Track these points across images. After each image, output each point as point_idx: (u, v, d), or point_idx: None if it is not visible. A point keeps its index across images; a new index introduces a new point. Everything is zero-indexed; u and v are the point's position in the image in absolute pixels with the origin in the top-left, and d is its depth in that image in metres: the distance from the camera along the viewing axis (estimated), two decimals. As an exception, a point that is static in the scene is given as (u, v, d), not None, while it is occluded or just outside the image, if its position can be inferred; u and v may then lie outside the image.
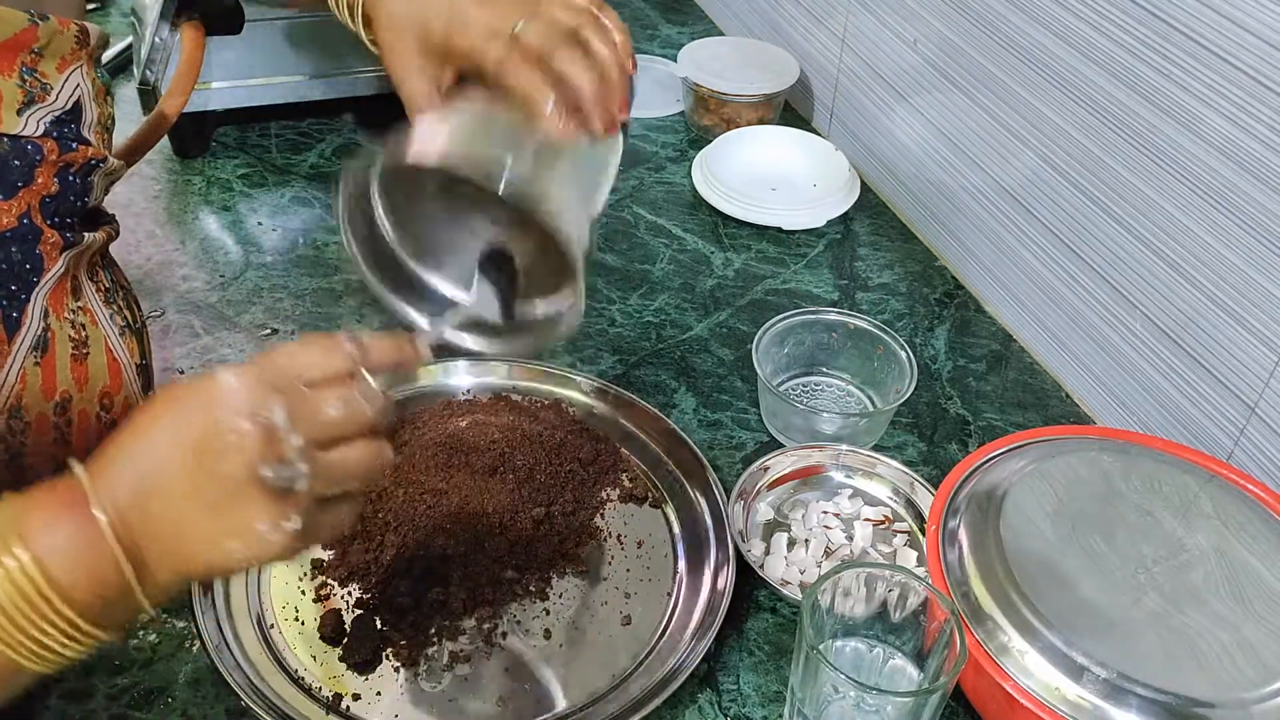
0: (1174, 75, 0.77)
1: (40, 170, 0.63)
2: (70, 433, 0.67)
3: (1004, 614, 0.63)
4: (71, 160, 0.64)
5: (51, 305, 0.65)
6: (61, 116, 0.64)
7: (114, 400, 0.70)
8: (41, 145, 0.63)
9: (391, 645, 0.70)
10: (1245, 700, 0.58)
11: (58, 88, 0.64)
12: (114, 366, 0.70)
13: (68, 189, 0.65)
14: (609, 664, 0.70)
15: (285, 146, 1.19)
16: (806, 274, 1.05)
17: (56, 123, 0.64)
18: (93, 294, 0.70)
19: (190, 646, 0.70)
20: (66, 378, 0.66)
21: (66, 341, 0.66)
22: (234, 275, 1.01)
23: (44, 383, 0.65)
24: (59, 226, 0.65)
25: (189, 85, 0.99)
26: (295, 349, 0.53)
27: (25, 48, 0.62)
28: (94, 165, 0.67)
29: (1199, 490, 0.70)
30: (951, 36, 1.00)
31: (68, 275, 0.66)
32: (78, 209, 0.66)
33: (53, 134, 0.63)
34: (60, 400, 0.66)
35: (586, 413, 0.86)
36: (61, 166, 0.64)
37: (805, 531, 0.79)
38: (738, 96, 1.21)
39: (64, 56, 0.64)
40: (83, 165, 0.66)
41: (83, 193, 0.66)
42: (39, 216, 0.63)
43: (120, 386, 0.70)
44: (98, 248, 0.70)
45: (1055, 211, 0.91)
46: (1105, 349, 0.89)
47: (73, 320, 0.67)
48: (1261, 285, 0.73)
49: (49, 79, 0.63)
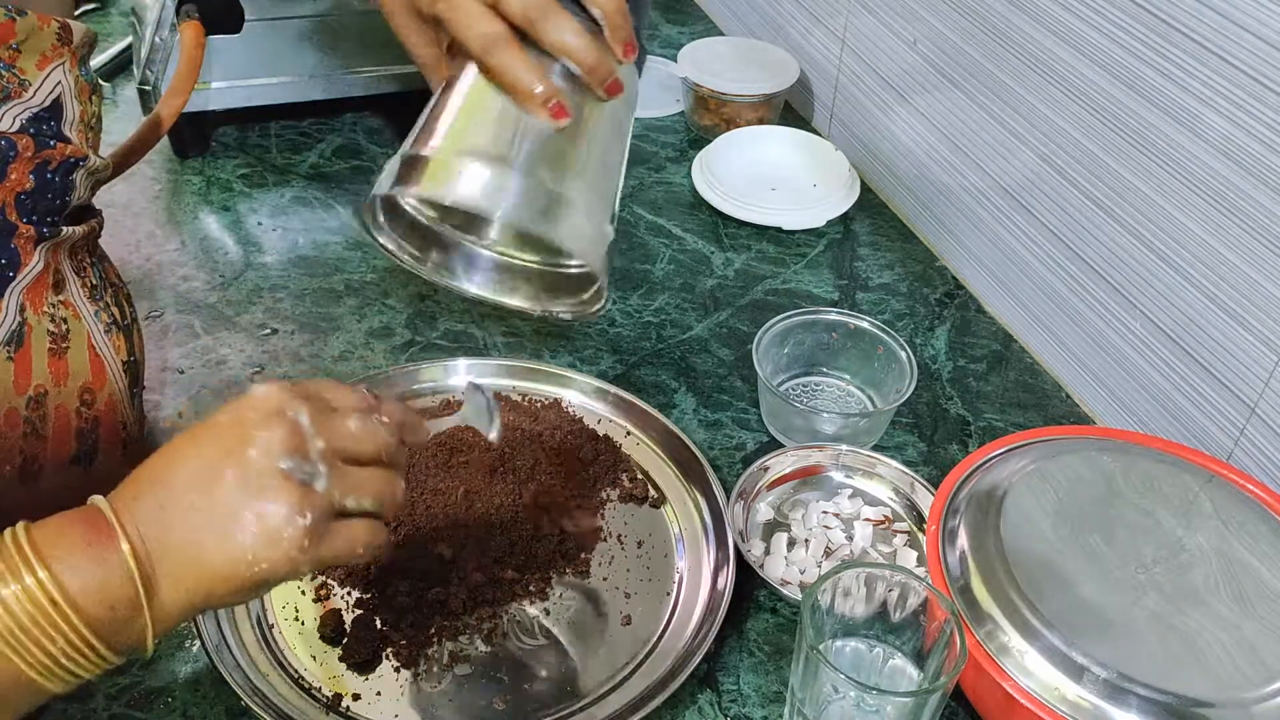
0: (1174, 75, 0.77)
1: (14, 166, 0.62)
2: (45, 428, 0.66)
3: (1004, 614, 0.63)
4: (49, 157, 0.64)
5: (29, 301, 0.65)
6: (40, 114, 0.64)
7: (96, 396, 0.70)
8: (16, 141, 0.62)
9: (391, 645, 0.70)
10: (1245, 700, 0.58)
11: (36, 84, 0.64)
12: (97, 363, 0.70)
13: (46, 186, 0.65)
14: (609, 664, 0.70)
15: (285, 146, 1.19)
16: (806, 274, 1.05)
17: (34, 120, 0.64)
18: (77, 289, 0.69)
19: (190, 646, 0.70)
20: (43, 372, 0.66)
21: (44, 336, 0.66)
22: (234, 275, 1.01)
23: (16, 377, 0.64)
24: (38, 224, 0.65)
25: (189, 85, 0.99)
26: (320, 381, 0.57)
27: (2, 43, 0.62)
28: (75, 164, 0.66)
29: (1199, 490, 0.70)
30: (951, 36, 1.00)
31: (48, 270, 0.66)
32: (58, 207, 0.66)
33: (29, 130, 0.63)
34: (34, 395, 0.65)
35: (586, 413, 0.86)
36: (39, 163, 0.64)
37: (805, 531, 0.79)
38: (738, 96, 1.21)
39: (44, 53, 0.64)
40: (62, 163, 0.65)
41: (63, 191, 0.66)
42: (14, 213, 0.63)
43: (104, 383, 0.70)
44: (78, 241, 0.69)
45: (1055, 211, 0.91)
46: (1105, 349, 0.89)
47: (52, 314, 0.67)
48: (1261, 285, 0.73)
49: (27, 75, 0.63)
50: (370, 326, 0.96)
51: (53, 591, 0.47)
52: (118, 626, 0.49)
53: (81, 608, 0.47)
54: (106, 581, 0.48)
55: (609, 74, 0.62)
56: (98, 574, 0.48)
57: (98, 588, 0.48)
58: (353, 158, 1.18)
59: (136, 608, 0.49)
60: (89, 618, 0.48)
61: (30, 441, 0.65)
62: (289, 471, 0.51)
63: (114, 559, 0.48)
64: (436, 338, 0.96)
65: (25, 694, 0.49)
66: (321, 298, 0.99)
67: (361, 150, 1.19)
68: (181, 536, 0.50)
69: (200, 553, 0.50)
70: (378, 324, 0.97)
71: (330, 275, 1.02)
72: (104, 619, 0.48)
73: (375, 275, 1.02)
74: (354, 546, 0.54)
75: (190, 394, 0.89)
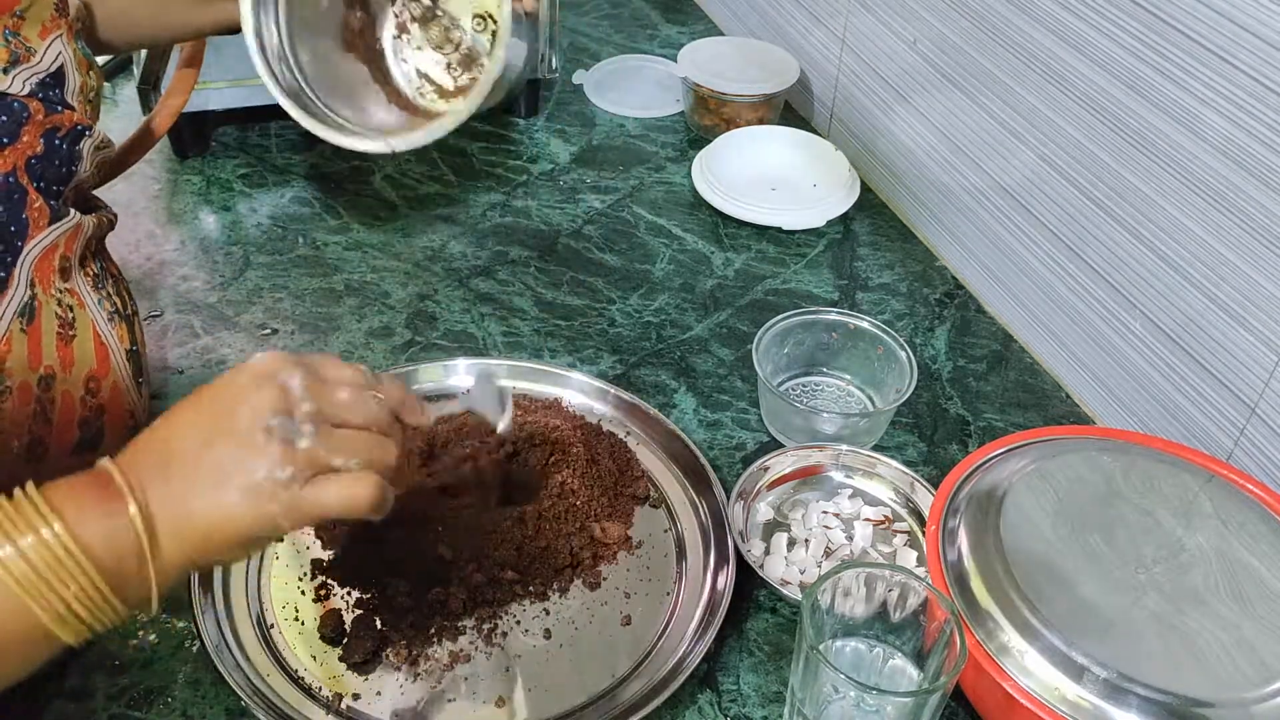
0: (1174, 75, 0.77)
1: (27, 129, 0.64)
2: (53, 411, 0.67)
3: (1004, 614, 0.63)
4: (59, 123, 0.66)
5: (38, 276, 0.66)
6: (46, 80, 0.65)
7: (101, 385, 0.70)
8: (28, 104, 0.64)
9: (391, 645, 0.70)
10: (1245, 700, 0.58)
11: (41, 51, 0.65)
12: (101, 351, 0.70)
13: (54, 153, 0.66)
14: (609, 664, 0.70)
15: (285, 146, 1.19)
16: (806, 274, 1.05)
17: (42, 85, 0.65)
18: (81, 279, 0.70)
19: (190, 646, 0.70)
20: (52, 354, 0.67)
21: (53, 318, 0.67)
22: (234, 275, 1.01)
23: (29, 351, 0.66)
24: (46, 193, 0.66)
25: (189, 85, 0.99)
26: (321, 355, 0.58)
27: (7, 10, 0.64)
28: (81, 132, 0.67)
29: (1199, 490, 0.70)
30: (951, 36, 1.00)
31: (55, 251, 0.67)
32: (64, 176, 0.67)
33: (38, 95, 0.65)
34: (44, 375, 0.67)
35: (586, 412, 0.86)
36: (49, 129, 0.65)
37: (805, 531, 0.79)
38: (738, 96, 1.21)
39: (44, 24, 0.66)
40: (70, 131, 0.66)
41: (70, 160, 0.67)
42: (25, 176, 0.64)
43: (108, 371, 0.71)
44: (93, 234, 0.70)
45: (1055, 211, 0.91)
46: (1105, 349, 0.89)
47: (59, 299, 0.67)
48: (1262, 285, 0.73)
49: (31, 43, 0.65)
50: (370, 326, 0.96)
51: (67, 541, 0.49)
52: (125, 578, 0.51)
53: (94, 556, 0.49)
54: (115, 536, 0.50)
55: None
56: (107, 528, 0.50)
57: (107, 541, 0.50)
58: (353, 158, 1.18)
59: (142, 562, 0.51)
60: (100, 567, 0.49)
61: (38, 424, 0.66)
62: (273, 429, 0.52)
63: (121, 516, 0.50)
64: (436, 338, 0.96)
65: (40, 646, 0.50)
66: (321, 298, 0.99)
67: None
68: (180, 494, 0.51)
69: (194, 510, 0.51)
70: (378, 324, 0.97)
71: (330, 275, 1.02)
72: (113, 570, 0.50)
73: (375, 275, 1.02)
74: (349, 501, 0.54)
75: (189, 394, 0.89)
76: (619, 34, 1.45)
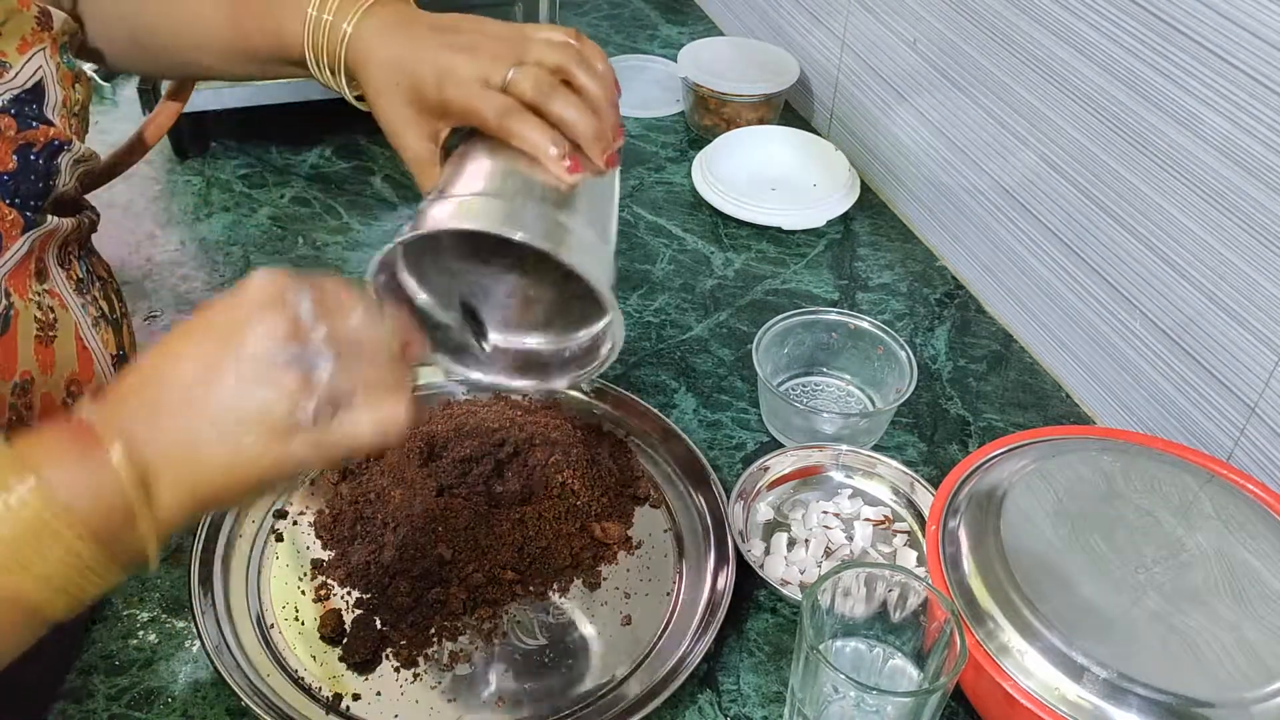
0: (1174, 75, 0.77)
1: None
2: (31, 416, 0.64)
3: (1004, 614, 0.63)
4: (33, 139, 0.64)
5: (13, 285, 0.64)
6: (21, 95, 0.64)
7: (83, 388, 0.69)
8: None
9: (391, 645, 0.70)
10: (1245, 700, 0.58)
11: (17, 67, 0.64)
12: (84, 355, 0.69)
13: (29, 168, 0.64)
14: (609, 664, 0.70)
15: (285, 146, 1.19)
16: (806, 274, 1.05)
17: (16, 101, 0.64)
18: (62, 280, 0.69)
19: (190, 647, 0.70)
20: (29, 358, 0.65)
21: (31, 322, 0.65)
22: (234, 275, 1.01)
23: (2, 360, 0.63)
24: (21, 207, 0.64)
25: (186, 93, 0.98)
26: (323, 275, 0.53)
27: None
28: (59, 147, 0.66)
29: (1199, 490, 0.70)
30: (951, 36, 1.00)
31: (31, 257, 0.65)
32: (41, 191, 0.66)
33: (10, 110, 0.63)
34: (21, 381, 0.64)
35: (587, 412, 0.86)
36: (21, 144, 0.64)
37: (805, 531, 0.79)
38: (738, 96, 1.21)
39: (24, 37, 0.64)
40: (46, 146, 0.65)
41: (47, 175, 0.66)
42: None
43: (91, 376, 0.69)
44: (68, 234, 0.69)
45: (1055, 211, 0.91)
46: (1105, 349, 0.89)
47: (39, 302, 0.66)
48: (1261, 285, 0.73)
49: (8, 58, 0.64)
50: (370, 326, 0.96)
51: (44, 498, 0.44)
52: (116, 533, 0.46)
53: (76, 513, 0.45)
54: (99, 486, 0.46)
55: (608, 146, 0.64)
56: (88, 479, 0.45)
57: (90, 493, 0.45)
58: (353, 158, 1.18)
59: (133, 512, 0.46)
60: (86, 525, 0.45)
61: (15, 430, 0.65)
62: (290, 360, 0.48)
63: (104, 464, 0.46)
64: (436, 338, 0.95)
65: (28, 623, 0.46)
66: (321, 298, 0.99)
67: (361, 150, 1.19)
68: (177, 436, 0.47)
69: (198, 451, 0.48)
70: (378, 324, 0.96)
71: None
72: (101, 525, 0.46)
73: (375, 275, 1.02)
74: (385, 427, 0.51)
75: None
76: (619, 34, 1.45)
